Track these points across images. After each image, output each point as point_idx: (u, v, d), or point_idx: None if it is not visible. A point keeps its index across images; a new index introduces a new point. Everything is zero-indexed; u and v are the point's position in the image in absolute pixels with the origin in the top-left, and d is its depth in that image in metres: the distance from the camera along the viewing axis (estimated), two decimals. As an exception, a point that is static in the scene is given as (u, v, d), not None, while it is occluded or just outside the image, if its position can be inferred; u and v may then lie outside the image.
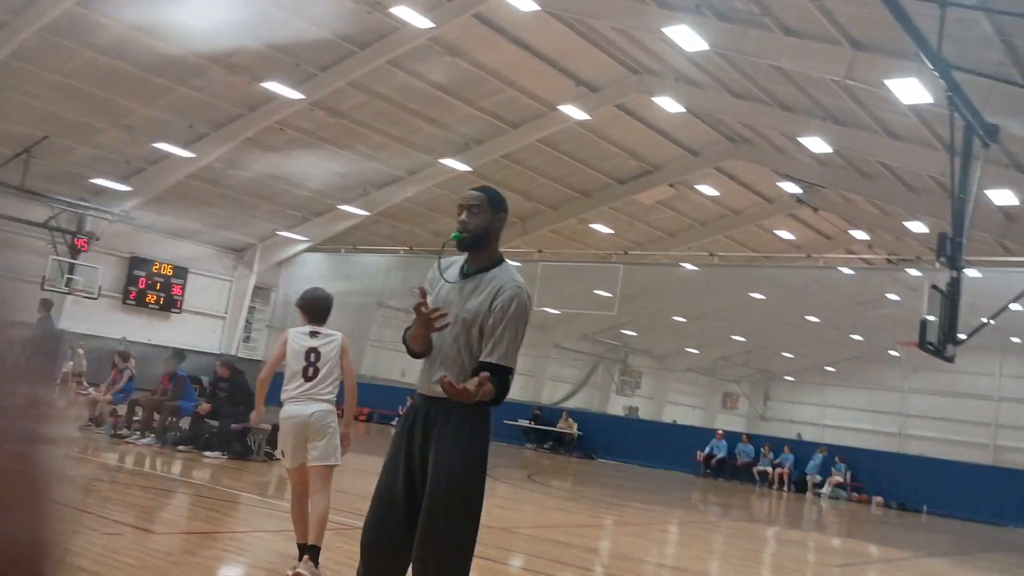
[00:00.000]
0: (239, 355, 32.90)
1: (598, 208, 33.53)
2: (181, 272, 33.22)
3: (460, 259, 3.84)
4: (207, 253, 34.58)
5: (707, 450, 24.96)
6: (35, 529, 0.66)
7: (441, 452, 3.55)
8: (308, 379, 5.83)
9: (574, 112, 25.95)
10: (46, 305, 12.73)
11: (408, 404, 3.96)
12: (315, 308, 6.12)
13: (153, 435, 13.17)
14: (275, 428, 13.49)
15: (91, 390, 16.55)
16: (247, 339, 36.86)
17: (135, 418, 13.85)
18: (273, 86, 24.55)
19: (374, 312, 34.73)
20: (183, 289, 33.25)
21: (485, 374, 3.43)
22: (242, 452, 12.86)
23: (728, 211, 34.53)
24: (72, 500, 2.60)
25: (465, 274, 3.76)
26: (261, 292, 37.16)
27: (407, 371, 31.94)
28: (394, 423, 30.67)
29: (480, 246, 3.75)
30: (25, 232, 28.85)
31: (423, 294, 3.68)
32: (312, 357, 5.87)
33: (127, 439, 13.28)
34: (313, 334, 6.01)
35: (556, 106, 26.25)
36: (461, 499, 3.52)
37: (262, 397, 6.14)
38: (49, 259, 28.61)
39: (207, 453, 12.62)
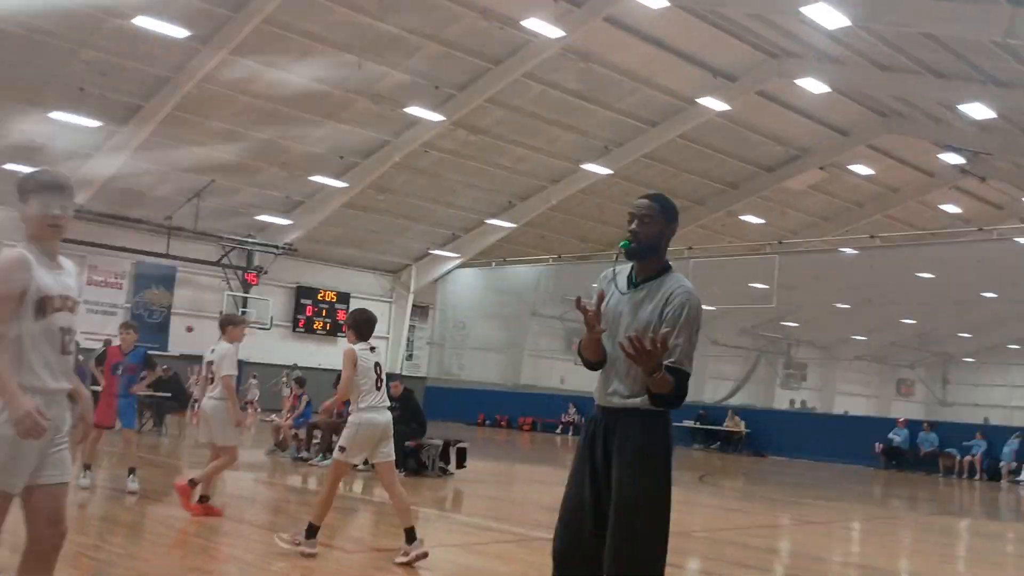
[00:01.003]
0: (403, 373, 33.95)
1: (747, 199, 32.75)
2: (344, 297, 34.63)
3: (627, 269, 3.83)
4: (366, 277, 35.90)
5: (889, 440, 23.82)
6: None
7: (623, 462, 3.56)
8: (379, 390, 6.65)
9: (714, 104, 25.47)
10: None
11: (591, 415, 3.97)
12: (369, 327, 6.90)
13: (321, 455, 13.77)
14: (447, 444, 13.90)
15: (274, 417, 17.49)
16: (409, 357, 37.99)
17: (315, 441, 14.53)
18: (415, 111, 25.32)
19: (528, 322, 35.09)
20: (347, 313, 34.63)
21: (664, 332, 3.46)
22: (417, 468, 13.28)
23: (886, 189, 33.01)
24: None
25: (634, 284, 3.75)
26: (419, 310, 38.25)
27: (566, 378, 32.10)
28: (559, 432, 30.91)
29: (649, 256, 3.74)
30: (201, 271, 30.87)
31: (600, 297, 3.69)
32: (378, 370, 6.72)
33: (309, 461, 13.95)
34: (372, 349, 6.77)
35: (695, 99, 25.85)
36: (646, 508, 3.52)
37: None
38: (224, 295, 30.47)
39: (384, 471, 13.09)
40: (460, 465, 13.94)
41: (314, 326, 34.10)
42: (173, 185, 28.46)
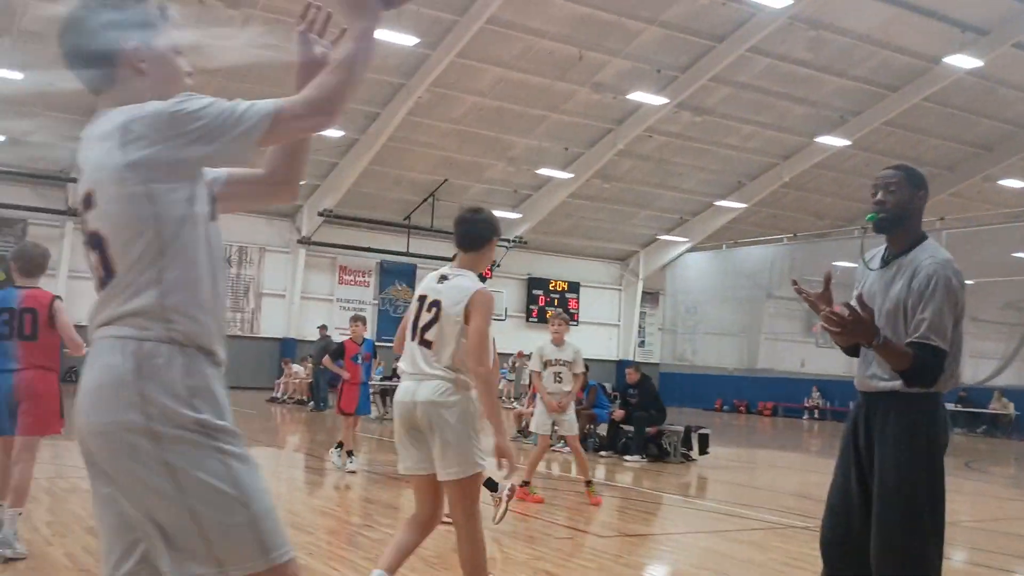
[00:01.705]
0: (636, 360, 33.93)
1: (1005, 162, 29.98)
2: (574, 287, 35.07)
3: (883, 247, 3.64)
4: (595, 265, 36.16)
5: None
6: None
7: (884, 449, 3.37)
8: None
9: (963, 61, 23.45)
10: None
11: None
12: None
13: (575, 443, 13.99)
14: (688, 430, 13.74)
15: (515, 404, 18.01)
16: (642, 344, 37.91)
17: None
18: (637, 96, 25.16)
19: (764, 304, 33.96)
20: (578, 302, 35.04)
21: (868, 312, 3.33)
22: (659, 454, 13.23)
23: None
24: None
25: (886, 260, 3.56)
26: (649, 297, 38.06)
27: (807, 361, 30.82)
28: (806, 417, 29.77)
29: (898, 228, 3.52)
30: (440, 268, 32.29)
31: (828, 278, 3.55)
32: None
33: (552, 447, 14.24)
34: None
35: (940, 59, 23.93)
36: (909, 497, 3.30)
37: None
38: (460, 289, 31.71)
39: (626, 457, 13.16)
40: (703, 451, 13.73)
41: (547, 316, 34.77)
42: (410, 186, 29.98)
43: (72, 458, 10.94)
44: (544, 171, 29.13)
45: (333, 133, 25.88)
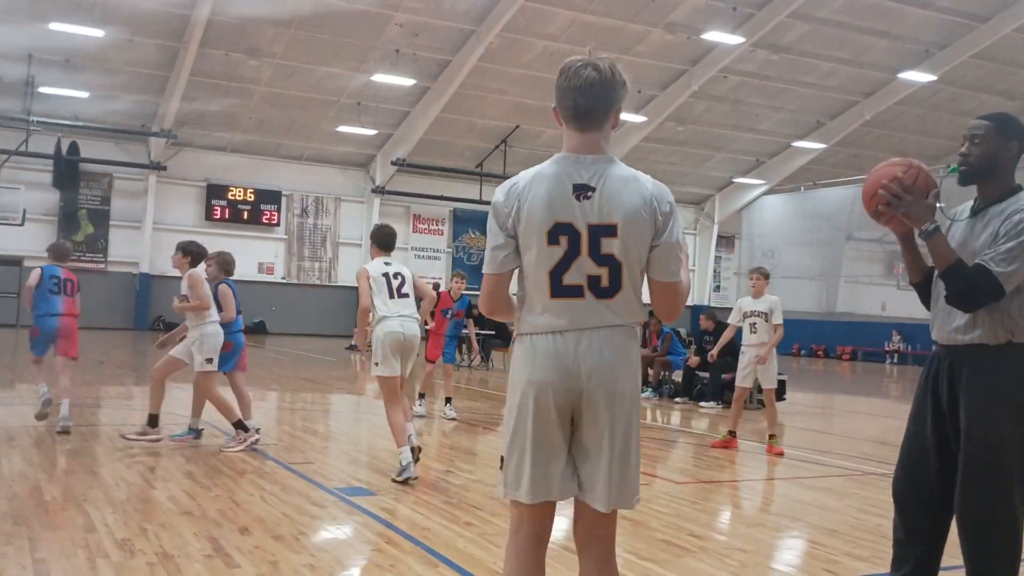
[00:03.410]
0: (711, 305, 33.66)
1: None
2: (647, 232, 34.77)
3: (973, 198, 3.53)
4: (668, 210, 35.79)
5: None
6: None
7: (970, 405, 3.33)
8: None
9: (1061, -13, 22.31)
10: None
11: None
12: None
13: (650, 389, 14.07)
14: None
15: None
16: (717, 288, 37.56)
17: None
18: (712, 35, 24.58)
19: (843, 246, 33.25)
20: (651, 248, 34.82)
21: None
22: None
23: None
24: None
25: (975, 211, 3.47)
26: (725, 241, 37.58)
27: (888, 304, 30.18)
28: (888, 362, 29.26)
29: (984, 179, 3.42)
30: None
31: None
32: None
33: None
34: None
35: (1035, -14, 22.83)
36: (997, 448, 3.28)
37: None
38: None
39: (702, 404, 13.19)
40: (779, 397, 13.63)
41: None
42: (481, 133, 29.97)
43: (168, 406, 11.44)
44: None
45: (404, 81, 25.98)
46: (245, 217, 30.32)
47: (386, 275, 7.03)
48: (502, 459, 2.80)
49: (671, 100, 28.38)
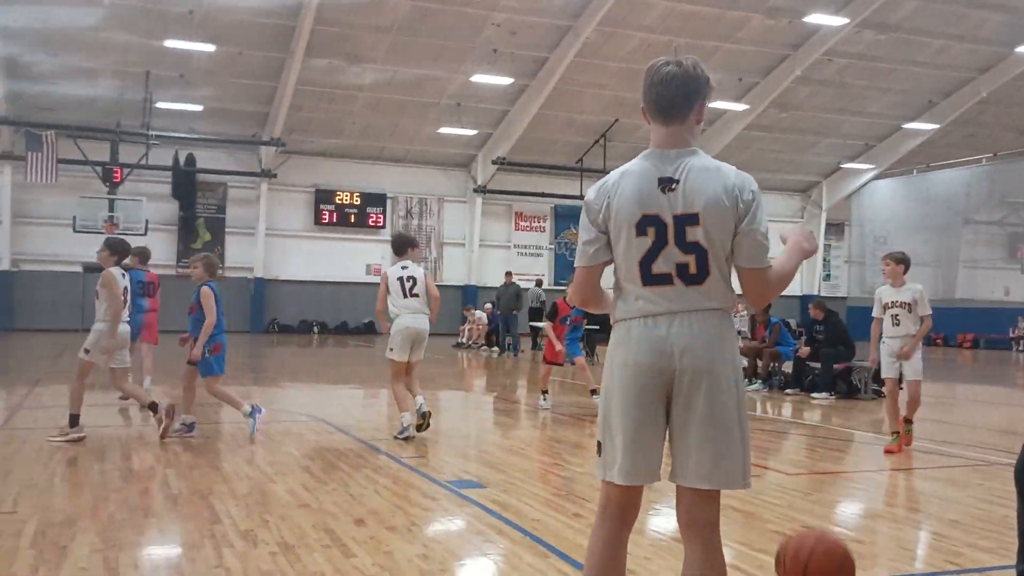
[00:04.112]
0: (821, 294, 32.75)
1: None
2: (752, 222, 34.05)
3: None
4: (773, 199, 34.99)
5: None
6: None
7: None
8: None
9: None
10: None
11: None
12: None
13: (759, 381, 13.81)
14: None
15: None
16: (827, 277, 36.53)
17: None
18: (815, 18, 23.95)
19: (960, 230, 31.91)
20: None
21: None
22: (848, 391, 12.85)
23: None
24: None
25: None
26: (834, 228, 36.51)
27: (1012, 289, 28.82)
28: (1016, 349, 27.94)
29: None
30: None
31: None
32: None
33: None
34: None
35: None
36: None
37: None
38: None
39: (814, 395, 12.87)
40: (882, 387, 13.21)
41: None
42: (580, 129, 29.92)
43: (285, 404, 11.86)
44: (718, 104, 28.32)
45: (503, 80, 26.16)
46: (352, 220, 31.06)
47: (400, 279, 8.34)
48: (599, 444, 2.89)
49: (774, 86, 27.74)
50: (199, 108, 26.74)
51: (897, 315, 8.28)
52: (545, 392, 11.10)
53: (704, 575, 2.81)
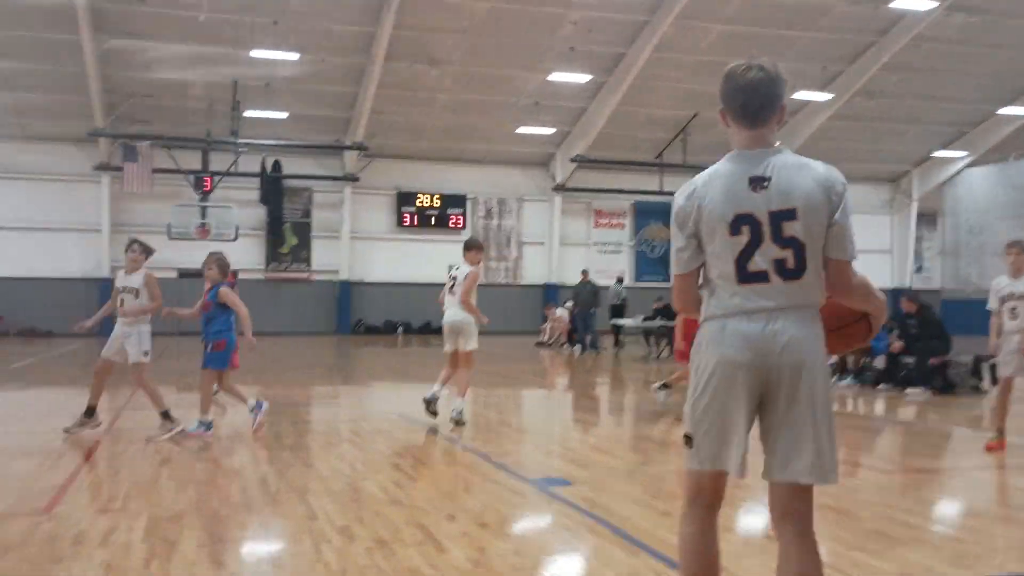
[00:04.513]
0: (913, 287, 31.80)
1: None
2: (839, 214, 33.22)
3: None
4: (861, 189, 34.08)
5: None
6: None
7: None
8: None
9: None
10: None
11: None
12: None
13: (850, 376, 13.50)
14: (978, 360, 12.83)
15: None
16: (919, 270, 35.43)
17: (828, 362, 14.35)
18: (902, 2, 23.25)
19: (1062, 218, 30.56)
20: (845, 230, 33.14)
21: None
22: (944, 387, 12.47)
23: None
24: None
25: None
26: (925, 219, 35.39)
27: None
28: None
29: None
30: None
31: None
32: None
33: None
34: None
35: None
36: None
37: None
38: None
39: (908, 390, 12.52)
40: (995, 382, 12.76)
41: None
42: (659, 124, 29.67)
43: (374, 403, 12.10)
44: (801, 95, 27.73)
45: (580, 78, 26.13)
46: (433, 222, 31.39)
47: (453, 277, 9.36)
48: (686, 437, 2.96)
49: (859, 74, 27.03)
50: (284, 115, 27.38)
51: (1016, 307, 7.76)
52: (668, 386, 10.74)
53: (802, 569, 2.83)
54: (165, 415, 8.18)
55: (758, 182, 2.85)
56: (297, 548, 4.62)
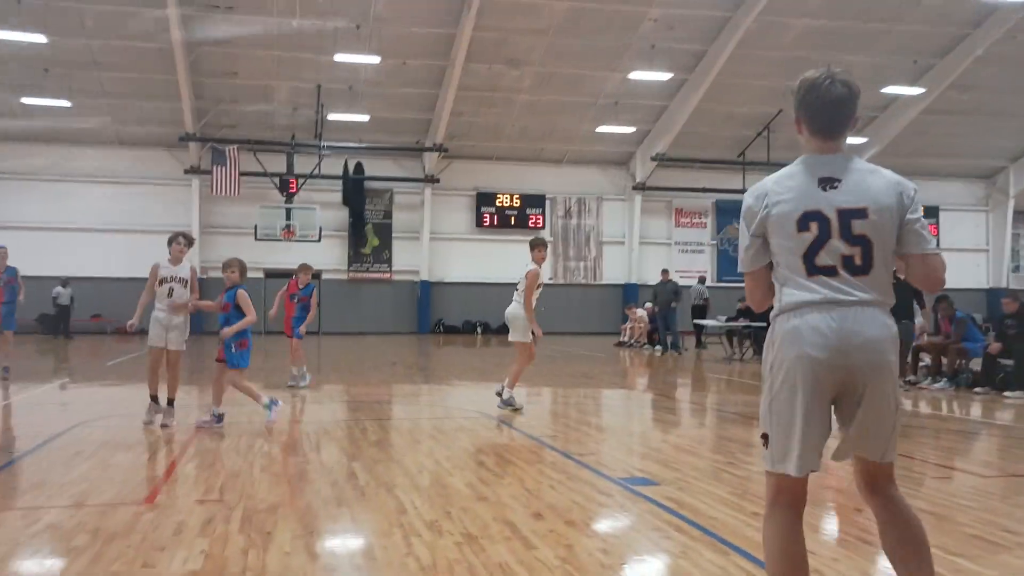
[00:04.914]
0: (1010, 287, 30.64)
1: None
2: (931, 211, 32.30)
3: None
4: (953, 186, 33.02)
5: None
6: None
7: None
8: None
9: None
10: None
11: None
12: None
13: (945, 379, 13.09)
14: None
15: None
16: (1016, 269, 34.11)
17: (920, 364, 13.94)
18: (999, -8, 22.45)
19: None
20: (937, 227, 32.17)
21: None
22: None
23: None
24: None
25: None
26: (1023, 216, 34.08)
27: None
28: None
29: None
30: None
31: None
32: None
33: (918, 385, 13.44)
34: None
35: None
36: None
37: None
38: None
39: (1007, 393, 12.07)
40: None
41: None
42: (742, 121, 29.22)
43: (456, 401, 12.20)
44: (890, 89, 27.00)
45: (661, 76, 25.91)
46: (512, 222, 31.52)
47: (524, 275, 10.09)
48: (764, 436, 3.00)
49: (952, 67, 26.19)
50: (366, 118, 27.82)
51: None
52: None
53: (904, 530, 2.97)
54: (170, 402, 8.79)
55: (828, 182, 2.94)
56: (388, 541, 4.69)
